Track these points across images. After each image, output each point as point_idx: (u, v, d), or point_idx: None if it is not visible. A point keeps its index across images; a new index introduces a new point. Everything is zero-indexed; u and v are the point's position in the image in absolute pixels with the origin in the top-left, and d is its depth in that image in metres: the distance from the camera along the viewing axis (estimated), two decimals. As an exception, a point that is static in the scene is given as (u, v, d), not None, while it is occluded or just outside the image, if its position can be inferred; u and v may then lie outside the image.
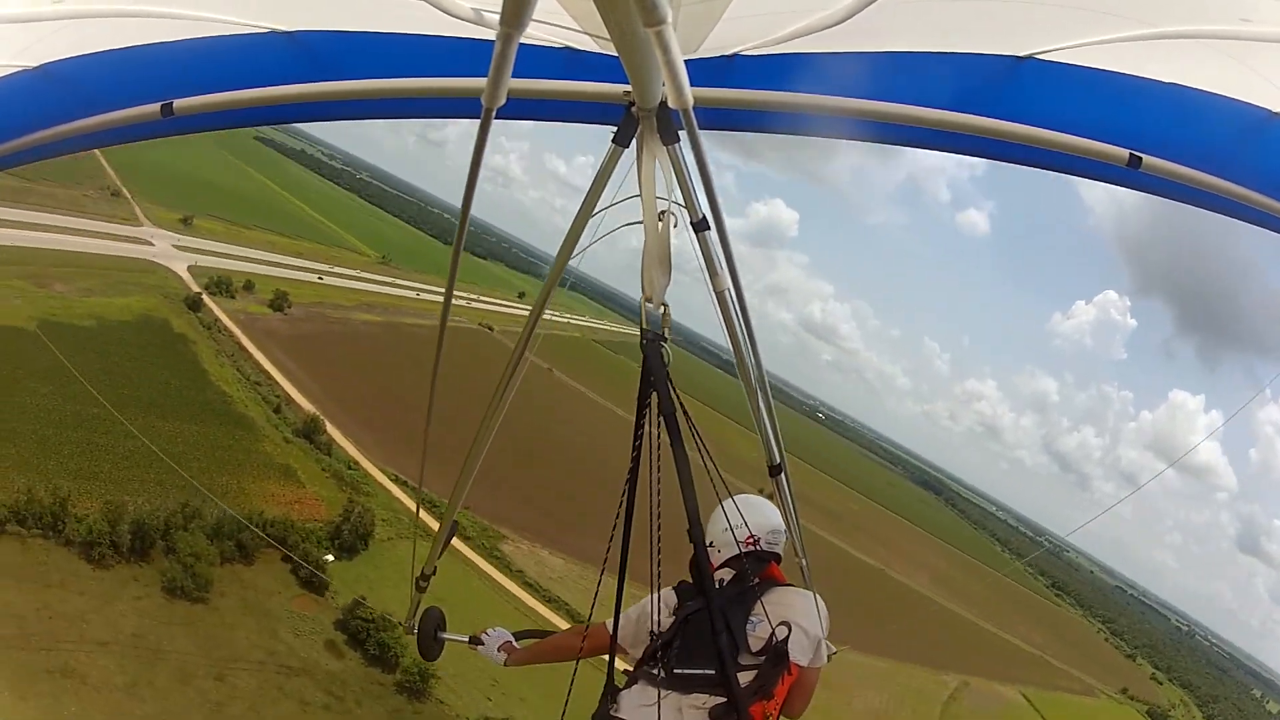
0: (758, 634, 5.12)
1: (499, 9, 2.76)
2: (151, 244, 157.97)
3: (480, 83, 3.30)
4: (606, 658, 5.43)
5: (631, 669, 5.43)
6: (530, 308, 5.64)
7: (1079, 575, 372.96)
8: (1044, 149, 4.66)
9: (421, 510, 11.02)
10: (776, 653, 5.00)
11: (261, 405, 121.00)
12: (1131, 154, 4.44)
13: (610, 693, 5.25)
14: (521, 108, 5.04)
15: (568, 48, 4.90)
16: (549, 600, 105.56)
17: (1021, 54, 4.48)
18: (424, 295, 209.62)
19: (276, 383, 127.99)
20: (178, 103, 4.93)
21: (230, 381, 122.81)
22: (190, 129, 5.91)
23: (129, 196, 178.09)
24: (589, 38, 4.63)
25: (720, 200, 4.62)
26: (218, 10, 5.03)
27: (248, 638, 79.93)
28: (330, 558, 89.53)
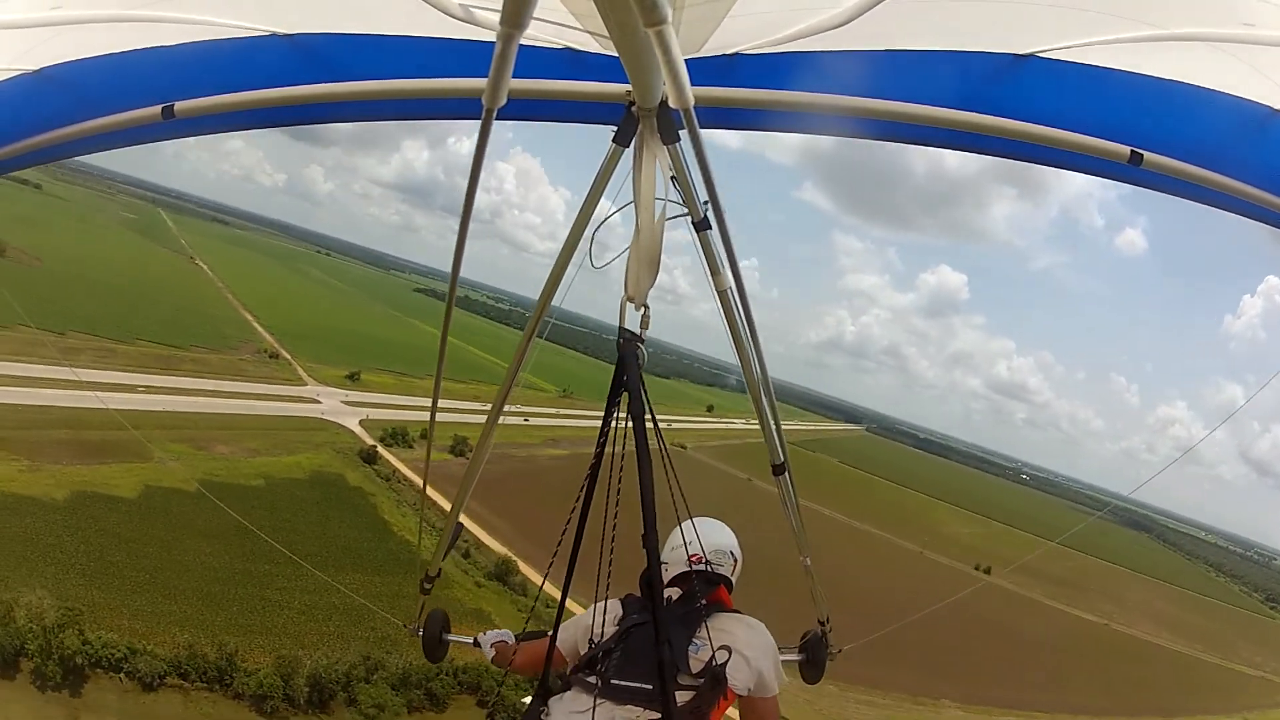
0: (699, 656, 5.09)
1: (499, 9, 2.83)
2: (318, 401, 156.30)
3: (481, 83, 3.37)
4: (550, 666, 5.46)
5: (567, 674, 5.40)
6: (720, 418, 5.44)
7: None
8: (1046, 146, 4.71)
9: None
10: (714, 677, 4.96)
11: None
12: (1133, 151, 4.47)
13: (542, 695, 5.27)
14: (522, 108, 5.07)
15: (568, 48, 4.94)
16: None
17: (1023, 52, 4.51)
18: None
19: (464, 527, 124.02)
20: (178, 105, 4.98)
21: (414, 531, 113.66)
22: (191, 131, 5.89)
23: (289, 357, 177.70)
24: (590, 37, 4.68)
25: (722, 200, 4.68)
26: (217, 14, 5.08)
27: (439, 782, 75.06)
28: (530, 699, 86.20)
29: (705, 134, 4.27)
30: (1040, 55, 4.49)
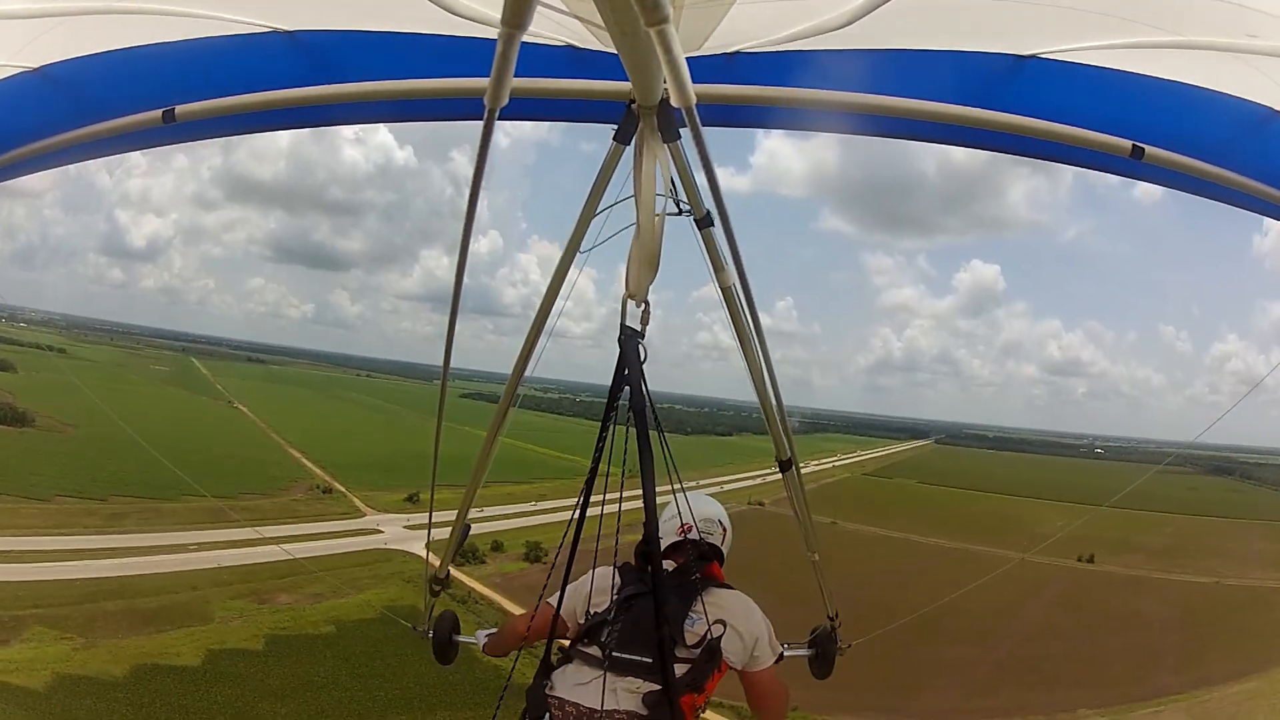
0: (694, 630, 5.23)
1: (500, 9, 2.82)
2: (380, 530, 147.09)
3: (483, 83, 3.36)
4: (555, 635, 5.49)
5: (567, 646, 5.51)
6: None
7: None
8: (1047, 141, 4.71)
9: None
10: (710, 650, 5.12)
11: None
12: (1134, 145, 4.49)
13: (545, 669, 5.34)
14: (524, 107, 4.95)
15: (569, 44, 4.96)
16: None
17: (1025, 54, 4.56)
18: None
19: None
20: (179, 109, 4.99)
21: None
22: (193, 135, 5.93)
23: (343, 490, 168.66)
24: (590, 34, 4.68)
25: (724, 197, 4.67)
26: (219, 9, 5.05)
27: None
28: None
29: (706, 131, 4.22)
30: (1042, 56, 4.54)
